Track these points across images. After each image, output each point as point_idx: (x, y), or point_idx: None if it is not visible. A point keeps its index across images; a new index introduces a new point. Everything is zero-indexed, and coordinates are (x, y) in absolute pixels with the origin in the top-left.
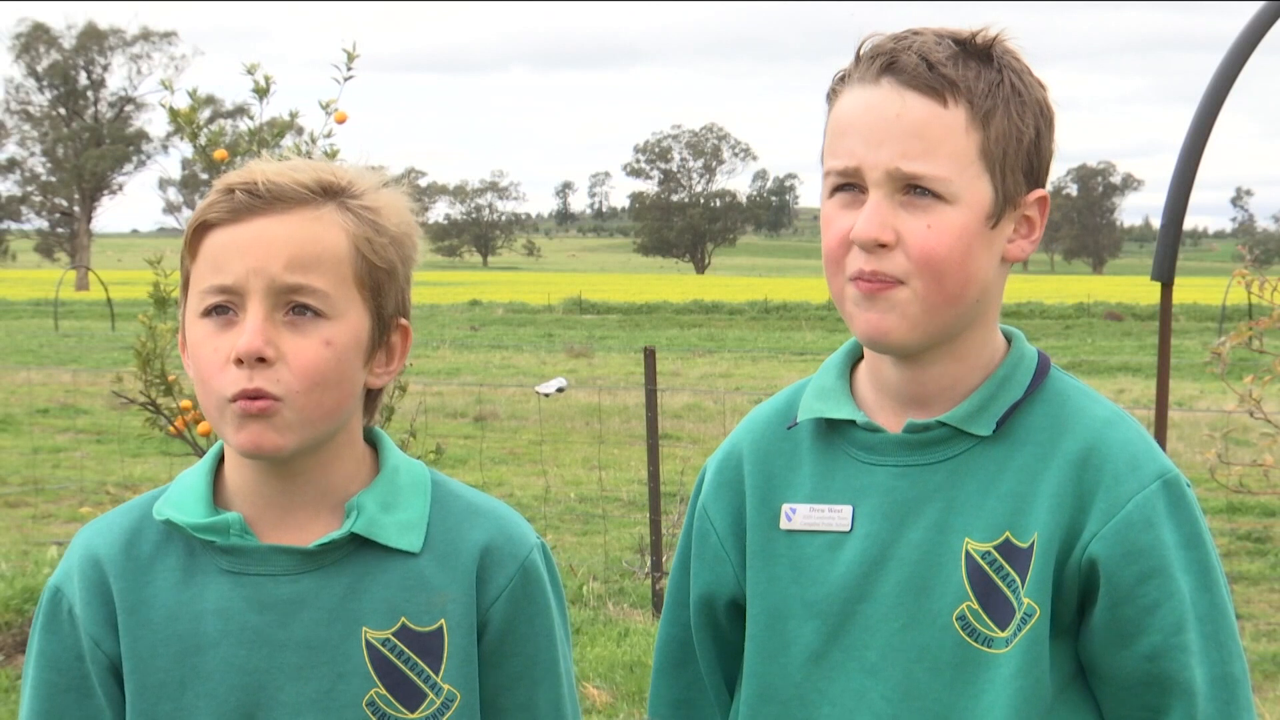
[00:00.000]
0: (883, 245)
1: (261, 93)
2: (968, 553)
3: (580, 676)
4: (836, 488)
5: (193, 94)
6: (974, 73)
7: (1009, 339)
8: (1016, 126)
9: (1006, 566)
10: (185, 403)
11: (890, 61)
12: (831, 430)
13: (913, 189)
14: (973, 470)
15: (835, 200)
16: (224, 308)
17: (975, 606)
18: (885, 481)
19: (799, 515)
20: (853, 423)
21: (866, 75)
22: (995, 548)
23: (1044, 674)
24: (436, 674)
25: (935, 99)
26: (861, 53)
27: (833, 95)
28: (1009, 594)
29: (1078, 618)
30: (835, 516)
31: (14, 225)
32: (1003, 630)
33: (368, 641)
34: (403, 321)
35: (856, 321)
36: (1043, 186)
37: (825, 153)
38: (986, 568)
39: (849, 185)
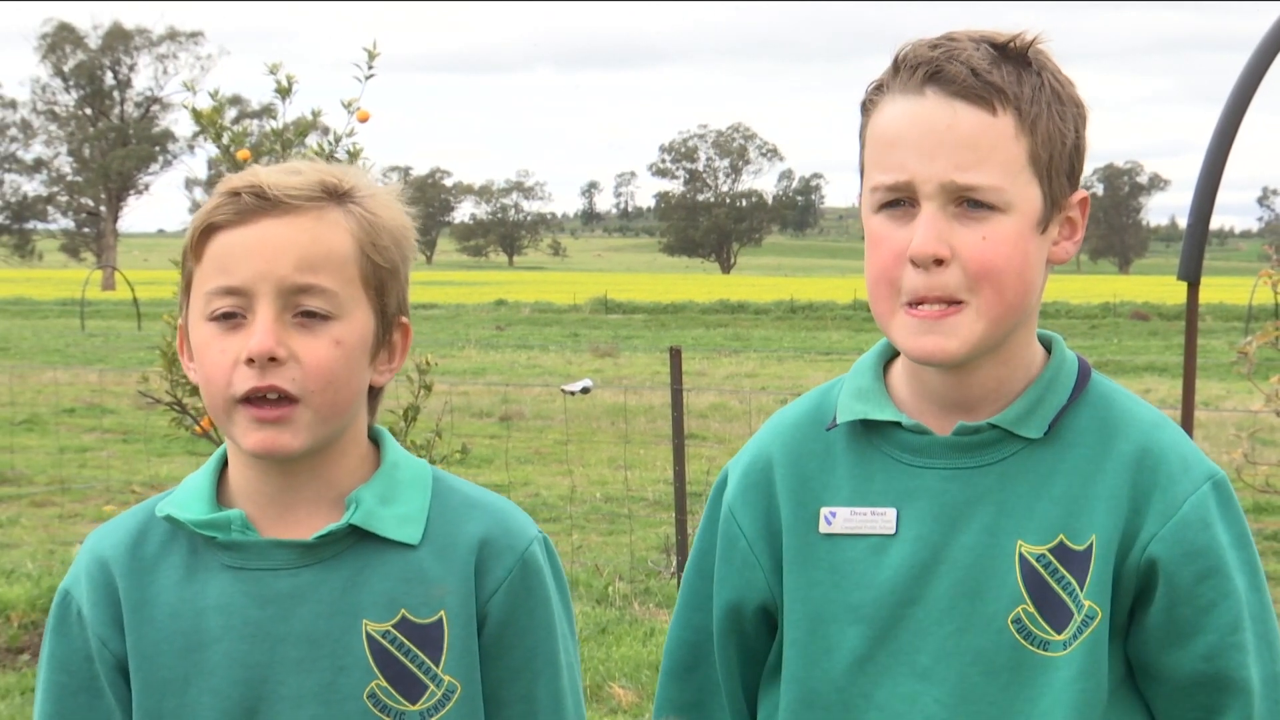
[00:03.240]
0: (939, 261)
1: (284, 93)
2: (1022, 555)
3: (606, 676)
4: (877, 490)
5: (215, 95)
6: (1016, 78)
7: (1048, 343)
8: (1059, 129)
9: (1062, 569)
10: None
11: (935, 71)
12: (869, 432)
13: (966, 200)
14: (1023, 473)
15: (883, 215)
16: (232, 313)
17: (1031, 609)
18: (934, 484)
19: (839, 519)
20: (895, 425)
21: (909, 85)
22: (1050, 550)
23: (1104, 677)
24: (437, 665)
25: (984, 108)
26: (901, 62)
27: (869, 105)
28: (1065, 597)
29: (1129, 619)
30: (879, 520)
31: (40, 225)
32: (1059, 633)
33: (368, 634)
34: (403, 320)
35: (907, 345)
36: (1079, 186)
37: (869, 166)
38: (1041, 570)
39: (898, 199)
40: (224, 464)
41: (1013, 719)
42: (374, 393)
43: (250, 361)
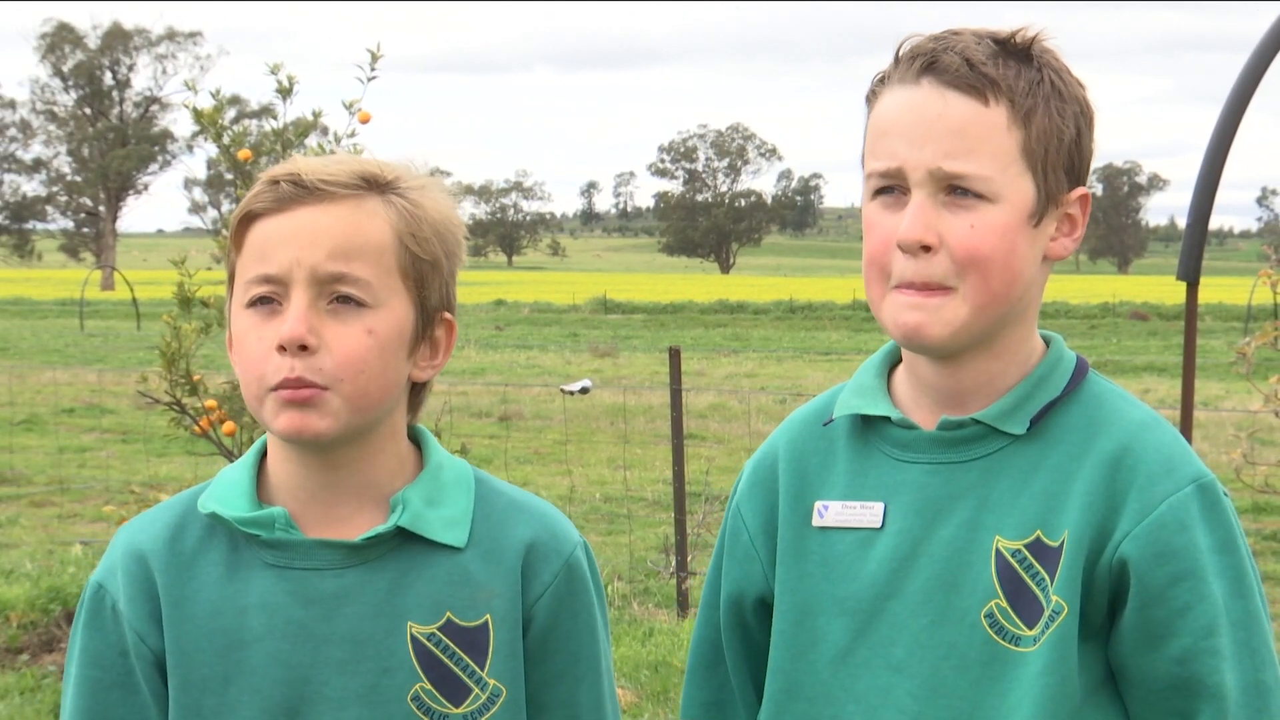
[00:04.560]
0: (926, 249)
1: (285, 93)
2: (998, 550)
3: None
4: (869, 485)
5: (216, 94)
6: (1014, 71)
7: (1048, 342)
8: (1057, 125)
9: (1036, 565)
10: (210, 402)
11: (931, 61)
12: (867, 428)
13: (955, 189)
14: (1006, 469)
15: (877, 203)
16: (268, 298)
17: (1004, 605)
18: (918, 478)
19: (831, 512)
20: (888, 420)
21: (907, 76)
22: (1026, 546)
23: (1072, 672)
24: (482, 669)
25: (976, 98)
26: (901, 53)
27: (872, 97)
28: (1038, 592)
29: (1108, 620)
30: (867, 513)
31: (40, 225)
32: (1030, 629)
33: (413, 636)
34: (447, 315)
35: (894, 322)
36: (1084, 184)
37: (866, 154)
38: (1016, 566)
39: (891, 187)
40: (262, 457)
41: (982, 713)
42: (416, 390)
43: (282, 349)
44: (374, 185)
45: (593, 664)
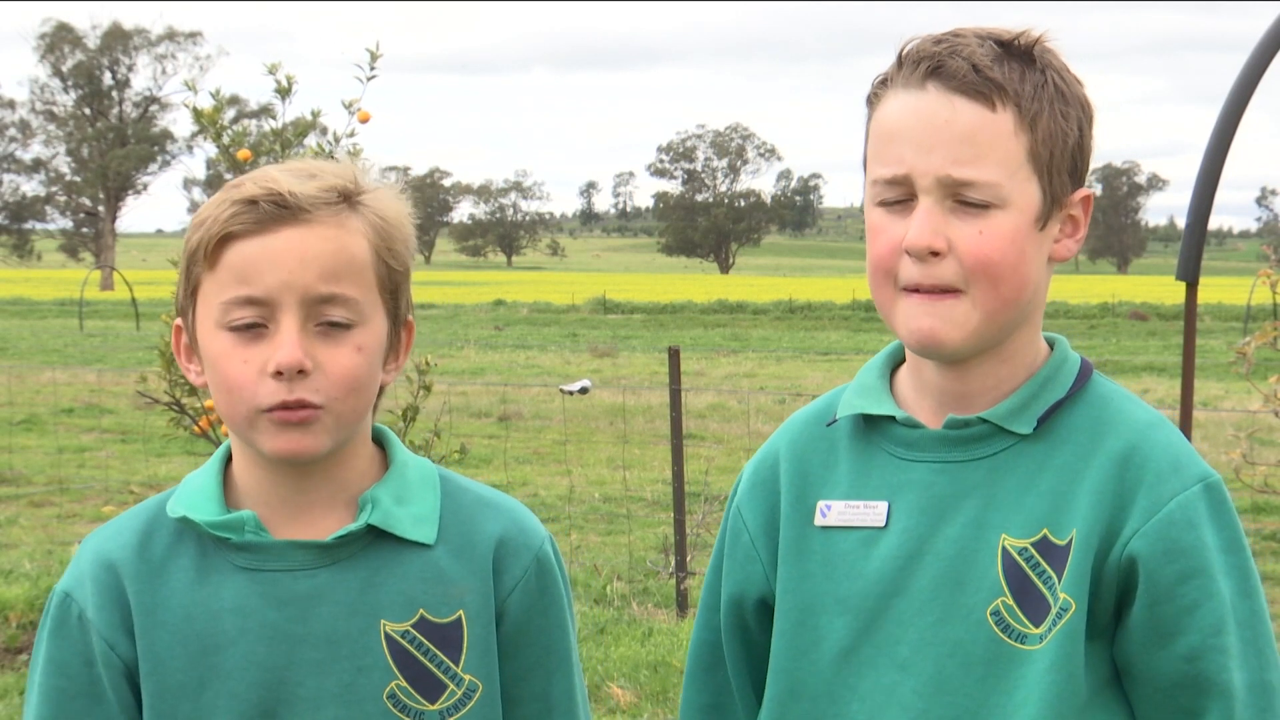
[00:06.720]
0: (935, 254)
1: (283, 93)
2: (1004, 549)
3: (604, 676)
4: (873, 484)
5: (216, 94)
6: (1019, 75)
7: (1051, 344)
8: (1062, 127)
9: (1043, 563)
10: (210, 402)
11: (936, 66)
12: (870, 427)
13: (963, 195)
14: (1012, 468)
15: (882, 208)
16: (254, 323)
17: (1010, 602)
18: (923, 477)
19: (834, 512)
20: (892, 419)
21: (911, 80)
22: (1033, 544)
23: (1079, 670)
24: (457, 665)
25: (983, 103)
26: (904, 56)
27: (874, 99)
28: (1044, 590)
29: (1114, 619)
30: (870, 512)
31: (39, 225)
32: (1037, 627)
33: (387, 634)
34: (409, 319)
35: (908, 329)
36: (1084, 184)
37: (870, 159)
38: (1023, 564)
39: (897, 192)
40: (227, 462)
41: (987, 710)
42: (378, 392)
43: (278, 374)
44: (347, 199)
45: (564, 656)
